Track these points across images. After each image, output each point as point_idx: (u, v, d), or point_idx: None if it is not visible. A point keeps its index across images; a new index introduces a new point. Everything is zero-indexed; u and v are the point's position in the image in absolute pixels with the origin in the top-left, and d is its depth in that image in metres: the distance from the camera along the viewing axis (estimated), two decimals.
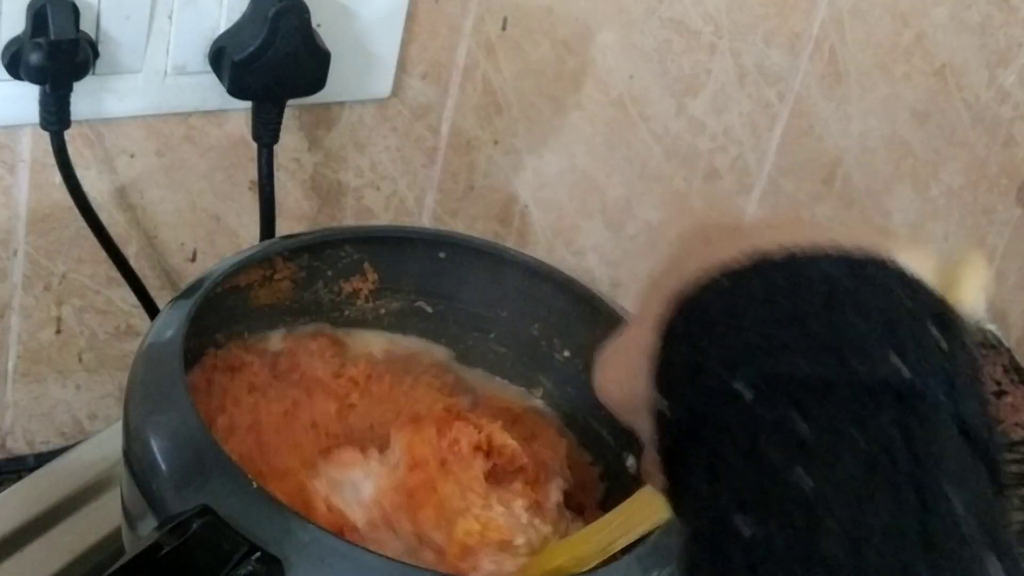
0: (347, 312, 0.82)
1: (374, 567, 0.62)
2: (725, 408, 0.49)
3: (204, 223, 0.92)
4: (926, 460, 0.47)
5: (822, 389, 0.48)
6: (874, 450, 0.47)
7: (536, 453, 0.79)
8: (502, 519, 0.73)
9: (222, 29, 0.83)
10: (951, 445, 0.48)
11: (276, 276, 0.79)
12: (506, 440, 0.77)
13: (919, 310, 0.50)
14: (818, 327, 0.49)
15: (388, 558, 0.64)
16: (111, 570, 0.61)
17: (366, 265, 0.81)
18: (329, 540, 0.62)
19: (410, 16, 0.89)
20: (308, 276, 0.80)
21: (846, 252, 0.51)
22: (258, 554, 0.61)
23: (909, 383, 0.48)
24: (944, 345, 0.49)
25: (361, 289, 0.81)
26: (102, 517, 0.85)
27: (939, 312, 0.50)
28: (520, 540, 0.72)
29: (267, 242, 0.85)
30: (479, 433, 0.77)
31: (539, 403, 0.83)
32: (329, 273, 0.80)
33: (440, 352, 0.84)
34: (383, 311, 0.82)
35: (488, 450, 0.77)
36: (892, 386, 0.48)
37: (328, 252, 0.80)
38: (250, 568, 0.61)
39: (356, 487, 0.73)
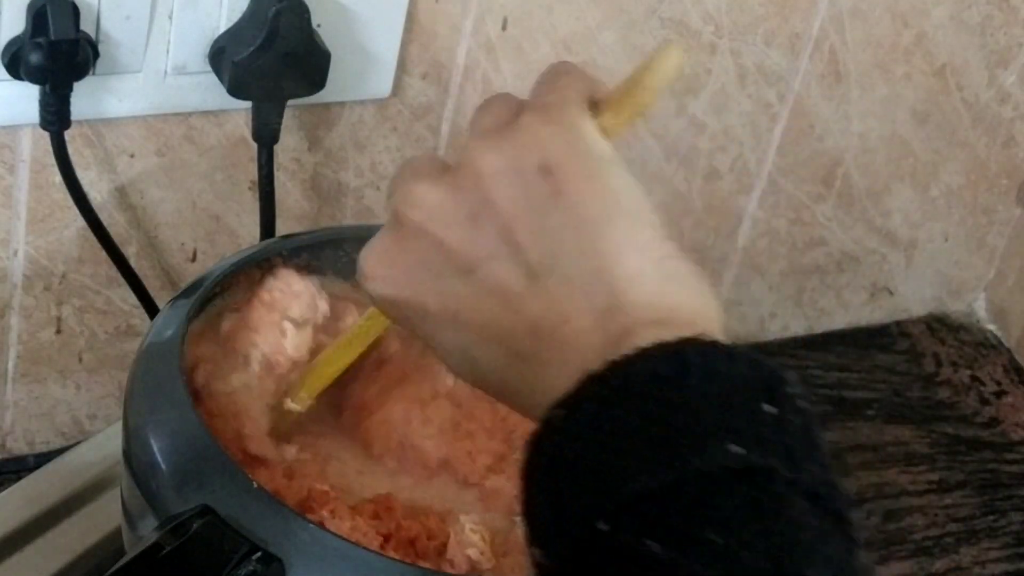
0: None
1: (374, 567, 0.62)
2: (591, 550, 0.48)
3: (204, 223, 0.92)
4: (783, 548, 0.47)
5: (669, 497, 0.47)
6: (731, 549, 0.46)
7: None
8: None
9: (222, 29, 0.83)
10: (803, 516, 0.48)
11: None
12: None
13: (747, 386, 0.50)
14: (653, 434, 0.48)
15: (388, 557, 0.64)
16: (111, 570, 0.61)
17: None
18: (329, 540, 0.62)
19: (410, 16, 0.89)
20: (307, 276, 0.80)
21: (670, 345, 0.50)
22: (258, 554, 0.61)
23: (750, 464, 0.48)
24: (777, 414, 0.49)
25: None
26: (102, 517, 0.85)
27: (767, 382, 0.50)
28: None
29: (267, 242, 0.85)
30: None
31: None
32: (329, 273, 0.80)
33: None
34: None
35: None
36: (734, 470, 0.48)
37: (328, 252, 0.80)
38: (250, 568, 0.61)
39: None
